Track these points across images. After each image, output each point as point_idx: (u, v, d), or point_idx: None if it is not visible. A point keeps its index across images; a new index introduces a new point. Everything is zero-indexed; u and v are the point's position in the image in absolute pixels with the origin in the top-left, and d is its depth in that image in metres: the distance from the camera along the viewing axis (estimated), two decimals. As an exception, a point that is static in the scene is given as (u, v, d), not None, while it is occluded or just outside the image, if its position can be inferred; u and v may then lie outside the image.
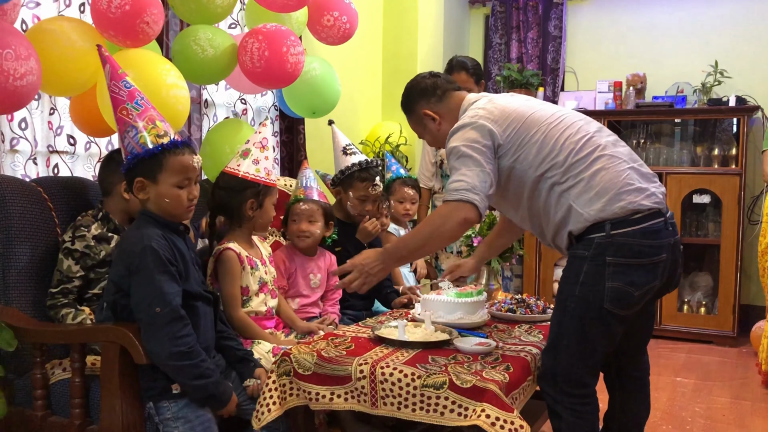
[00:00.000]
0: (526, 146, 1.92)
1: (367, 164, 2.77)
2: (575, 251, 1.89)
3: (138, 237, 1.77)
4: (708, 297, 4.56)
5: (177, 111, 2.19)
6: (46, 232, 2.07)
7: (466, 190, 1.86)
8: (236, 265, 2.21)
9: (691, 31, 4.87)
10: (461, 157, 1.91)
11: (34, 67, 1.81)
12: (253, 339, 2.19)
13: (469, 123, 1.95)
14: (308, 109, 3.07)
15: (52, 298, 2.00)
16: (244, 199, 2.25)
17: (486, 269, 2.65)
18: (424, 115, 2.13)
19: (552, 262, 4.79)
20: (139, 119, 1.79)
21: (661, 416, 3.06)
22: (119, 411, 1.73)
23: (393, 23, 4.69)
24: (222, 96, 3.34)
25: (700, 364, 3.98)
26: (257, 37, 2.48)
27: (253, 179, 2.26)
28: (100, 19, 2.10)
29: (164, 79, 2.16)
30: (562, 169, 1.89)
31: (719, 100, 4.45)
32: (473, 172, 1.88)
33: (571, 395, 1.87)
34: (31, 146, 2.40)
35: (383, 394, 1.77)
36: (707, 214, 4.58)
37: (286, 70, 2.52)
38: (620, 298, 1.82)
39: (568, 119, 1.97)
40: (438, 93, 2.12)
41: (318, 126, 3.87)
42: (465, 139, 1.92)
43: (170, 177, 1.80)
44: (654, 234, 1.83)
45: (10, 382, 1.96)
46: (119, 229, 2.13)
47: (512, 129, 1.94)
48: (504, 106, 1.98)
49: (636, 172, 1.88)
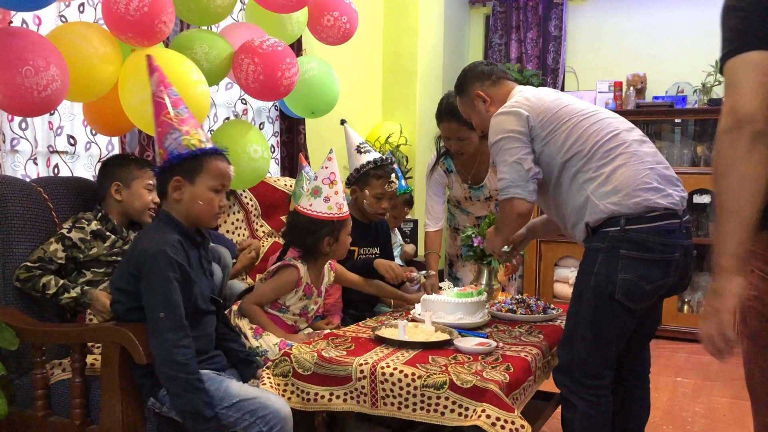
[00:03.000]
0: (556, 133, 2.02)
1: (382, 161, 2.76)
2: (591, 244, 1.96)
3: (155, 239, 1.76)
4: (708, 297, 4.56)
5: (203, 106, 2.30)
6: (46, 232, 2.06)
7: (507, 187, 2.02)
8: (290, 284, 2.24)
9: (691, 31, 4.87)
10: (500, 152, 2.05)
11: (57, 73, 1.86)
12: (259, 326, 2.21)
13: (508, 110, 2.07)
14: (307, 110, 3.07)
15: (28, 270, 1.97)
16: (320, 237, 2.26)
17: (486, 269, 2.65)
18: (477, 97, 2.23)
19: (552, 262, 4.79)
20: (184, 124, 1.85)
21: (662, 416, 3.06)
22: (119, 411, 1.73)
23: (393, 23, 4.69)
24: (222, 96, 3.34)
25: (700, 364, 3.98)
26: (253, 58, 2.52)
27: (327, 218, 2.25)
28: (117, 22, 2.13)
29: (190, 76, 2.25)
30: (584, 159, 1.97)
31: (719, 100, 4.45)
32: (509, 166, 2.02)
33: (586, 386, 1.93)
34: (32, 146, 2.40)
35: (383, 394, 1.77)
36: (707, 214, 4.58)
37: (279, 91, 2.63)
38: (631, 290, 1.87)
39: (600, 114, 2.06)
40: (493, 78, 2.23)
41: (318, 126, 3.86)
42: (502, 130, 2.05)
43: (208, 180, 1.84)
44: (668, 233, 1.87)
45: (10, 382, 1.96)
46: (117, 229, 2.14)
47: (545, 116, 2.04)
48: (542, 96, 2.10)
49: (656, 173, 1.92)
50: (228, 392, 1.77)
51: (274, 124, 3.65)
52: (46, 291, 1.97)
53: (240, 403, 1.76)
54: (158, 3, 2.13)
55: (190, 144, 1.83)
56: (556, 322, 2.37)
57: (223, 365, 1.93)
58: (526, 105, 2.06)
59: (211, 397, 1.74)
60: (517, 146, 2.01)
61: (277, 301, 2.25)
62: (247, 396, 1.77)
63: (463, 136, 2.84)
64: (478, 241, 2.60)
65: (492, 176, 2.99)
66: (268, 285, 2.25)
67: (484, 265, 2.63)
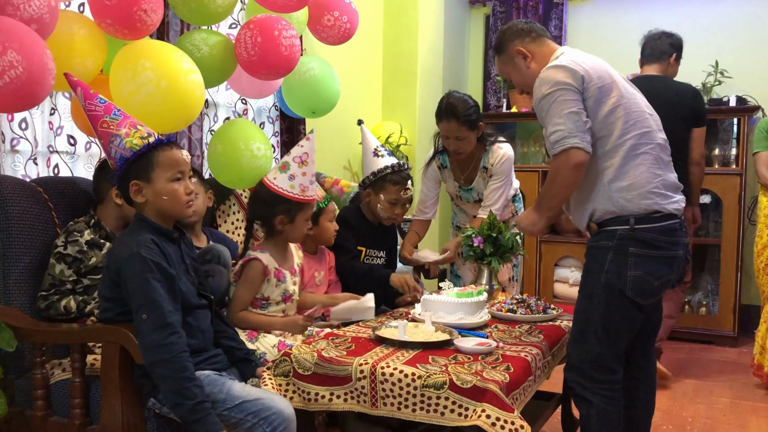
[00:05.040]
0: (600, 105, 1.99)
1: (399, 167, 2.76)
2: (598, 243, 2.01)
3: (128, 243, 1.76)
4: (708, 297, 4.56)
5: (195, 96, 2.21)
6: (46, 232, 2.06)
7: (563, 138, 1.93)
8: (258, 277, 2.22)
9: (691, 31, 4.86)
10: (554, 103, 1.97)
11: (15, 59, 1.67)
12: (254, 330, 2.21)
13: (563, 65, 2.00)
14: (308, 109, 3.07)
15: (45, 299, 1.99)
16: (274, 213, 2.25)
17: (486, 269, 2.65)
18: (516, 53, 2.16)
19: (552, 262, 4.79)
20: (121, 127, 1.81)
21: (662, 416, 3.06)
22: (119, 411, 1.73)
23: (393, 23, 4.69)
24: (223, 96, 3.34)
25: (700, 364, 3.98)
26: (249, 26, 2.49)
27: (285, 195, 2.24)
28: (97, 9, 2.08)
29: (180, 65, 2.17)
30: (612, 146, 1.99)
31: (719, 100, 4.45)
32: (565, 116, 1.94)
33: (601, 381, 1.99)
34: (32, 146, 2.40)
35: (383, 394, 1.77)
36: (708, 214, 4.58)
37: (282, 54, 2.49)
38: (641, 286, 1.95)
39: (640, 104, 2.05)
40: (532, 35, 2.17)
41: (318, 126, 3.86)
42: (557, 82, 1.97)
43: (163, 172, 1.81)
44: (671, 232, 1.98)
45: (10, 382, 1.96)
46: (111, 236, 2.12)
47: (597, 84, 1.99)
48: (597, 62, 2.06)
49: (666, 181, 2.01)
50: (231, 393, 1.77)
51: (275, 123, 3.65)
52: (70, 312, 1.98)
53: (243, 404, 1.76)
54: None
55: (133, 144, 1.79)
56: (556, 322, 2.37)
57: (223, 364, 1.93)
58: (581, 67, 2.00)
59: (211, 396, 1.74)
60: (573, 98, 1.96)
61: (255, 299, 2.25)
62: (250, 397, 1.77)
63: (461, 136, 2.84)
64: (478, 241, 2.60)
65: (482, 180, 3.01)
66: (240, 287, 2.24)
67: (484, 265, 2.64)
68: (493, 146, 2.97)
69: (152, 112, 2.11)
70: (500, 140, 3.00)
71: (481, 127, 2.91)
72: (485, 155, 2.97)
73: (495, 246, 2.60)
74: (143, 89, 2.09)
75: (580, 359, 2.01)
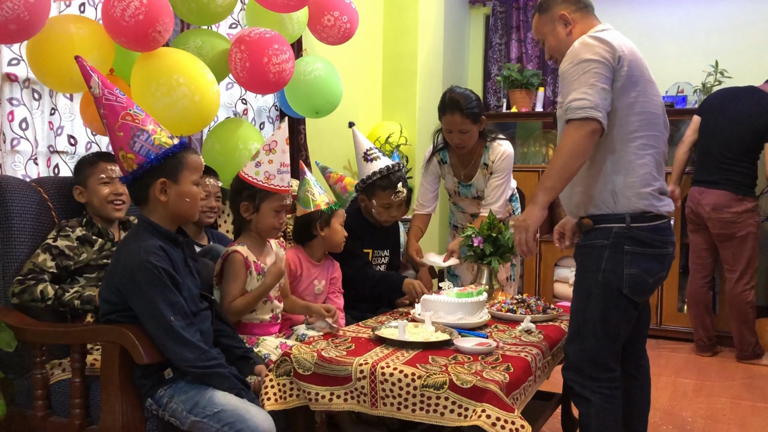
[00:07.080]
0: (624, 93, 1.97)
1: (388, 171, 2.73)
2: (593, 241, 2.01)
3: (136, 251, 1.74)
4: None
5: (216, 107, 2.36)
6: (46, 232, 2.06)
7: (590, 108, 1.89)
8: (241, 269, 2.18)
9: (691, 31, 4.87)
10: (586, 72, 1.92)
11: None
12: (250, 307, 2.19)
13: (607, 39, 1.97)
14: (311, 109, 3.07)
15: (21, 283, 1.94)
16: (240, 200, 2.22)
17: (486, 269, 2.65)
18: (560, 17, 2.14)
19: (552, 262, 4.79)
20: (146, 123, 1.78)
21: (662, 416, 3.06)
22: (119, 411, 1.73)
23: (393, 23, 4.69)
24: (223, 96, 3.33)
25: (700, 364, 3.98)
26: (240, 46, 2.51)
27: (247, 180, 2.20)
28: (113, 26, 2.12)
29: (206, 77, 2.30)
30: (623, 139, 1.98)
31: (719, 100, 4.45)
32: (595, 89, 1.90)
33: (599, 380, 1.99)
34: (32, 146, 2.40)
35: (383, 394, 1.77)
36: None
37: (269, 80, 2.55)
38: (637, 284, 1.97)
39: (660, 108, 2.05)
40: (580, 5, 2.16)
41: (318, 126, 3.87)
42: (597, 53, 1.93)
43: (190, 174, 1.83)
44: (662, 231, 2.02)
45: (10, 383, 1.96)
46: (103, 232, 2.12)
47: (629, 72, 1.96)
48: (636, 51, 2.03)
49: (662, 188, 2.04)
50: (212, 401, 1.75)
51: (275, 124, 3.65)
52: (46, 298, 1.95)
53: (221, 414, 1.74)
54: (154, 12, 2.10)
55: (163, 142, 1.77)
56: (556, 322, 2.37)
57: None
58: (622, 50, 1.97)
59: (192, 400, 1.75)
60: (607, 75, 1.93)
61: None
62: (228, 407, 1.75)
63: (465, 129, 2.84)
64: (478, 241, 2.60)
65: (481, 177, 3.00)
66: (227, 283, 2.19)
67: (484, 265, 2.64)
68: (494, 143, 2.97)
69: (182, 123, 2.24)
70: (500, 137, 3.00)
71: (483, 121, 2.92)
72: (486, 152, 2.97)
73: (495, 246, 2.60)
74: (179, 104, 2.22)
75: (578, 358, 2.01)
